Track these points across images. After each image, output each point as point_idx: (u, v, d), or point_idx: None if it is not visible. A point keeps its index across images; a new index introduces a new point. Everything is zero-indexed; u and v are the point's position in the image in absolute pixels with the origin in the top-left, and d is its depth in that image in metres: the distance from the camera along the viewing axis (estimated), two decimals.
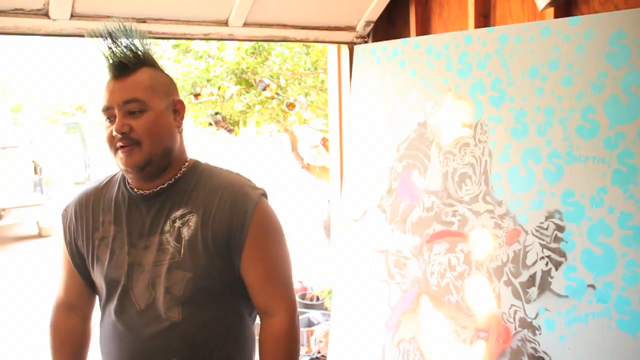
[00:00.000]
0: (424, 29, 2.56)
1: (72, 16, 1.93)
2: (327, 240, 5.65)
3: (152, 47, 1.42)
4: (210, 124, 5.07)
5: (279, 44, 4.61)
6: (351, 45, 2.65)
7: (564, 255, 1.77)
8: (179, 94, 1.49)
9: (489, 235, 1.96)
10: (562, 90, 1.80)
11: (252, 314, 1.48)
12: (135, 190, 1.42)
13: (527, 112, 1.88)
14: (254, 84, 4.75)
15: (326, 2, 2.45)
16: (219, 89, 4.77)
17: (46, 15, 1.89)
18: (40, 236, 8.94)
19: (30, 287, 6.28)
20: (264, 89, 4.66)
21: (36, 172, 9.47)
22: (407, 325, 2.19)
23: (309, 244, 7.16)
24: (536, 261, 1.83)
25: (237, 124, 5.15)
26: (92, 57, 1.36)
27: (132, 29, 1.36)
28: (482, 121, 2.01)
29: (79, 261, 1.48)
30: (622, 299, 1.63)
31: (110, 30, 1.34)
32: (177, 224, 1.37)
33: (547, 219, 1.81)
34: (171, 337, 1.35)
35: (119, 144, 1.34)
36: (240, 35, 2.36)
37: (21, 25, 1.87)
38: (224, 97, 4.80)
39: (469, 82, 2.05)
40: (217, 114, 5.00)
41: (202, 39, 2.85)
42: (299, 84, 4.92)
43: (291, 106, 4.85)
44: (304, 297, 4.96)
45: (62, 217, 1.51)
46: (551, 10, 2.02)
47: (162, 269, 1.36)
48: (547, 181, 1.82)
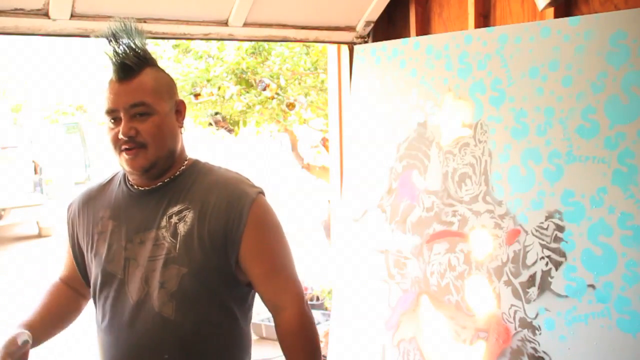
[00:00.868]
0: (424, 29, 2.55)
1: (72, 16, 1.93)
2: (327, 240, 5.65)
3: (151, 47, 1.42)
4: (210, 124, 5.07)
5: (279, 44, 4.61)
6: (351, 45, 2.65)
7: (564, 255, 1.77)
8: (179, 94, 1.49)
9: (489, 235, 1.96)
10: (562, 90, 1.80)
11: (246, 315, 1.47)
12: (134, 186, 1.44)
13: (527, 112, 1.88)
14: (254, 84, 4.75)
15: (326, 2, 2.45)
16: (219, 89, 4.77)
17: (46, 15, 1.89)
18: (40, 236, 8.94)
19: (30, 287, 6.28)
20: (264, 89, 4.66)
21: (36, 172, 9.46)
22: (407, 325, 2.19)
23: (309, 244, 7.15)
24: (536, 261, 1.83)
25: (237, 124, 5.15)
26: (92, 57, 1.37)
27: (134, 28, 1.36)
28: (482, 121, 2.01)
29: (79, 256, 1.51)
30: (622, 299, 1.63)
31: (113, 30, 1.34)
32: (174, 219, 1.38)
33: (547, 219, 1.81)
34: (164, 334, 1.35)
35: (124, 147, 1.35)
36: (240, 35, 2.36)
37: (21, 25, 1.87)
38: (224, 97, 4.80)
39: (469, 82, 2.05)
40: (217, 114, 5.00)
41: (202, 39, 2.85)
42: (299, 84, 4.92)
43: (291, 106, 4.85)
44: None
45: (67, 211, 1.55)
46: (551, 10, 2.02)
47: (158, 263, 1.36)
48: (547, 181, 1.82)
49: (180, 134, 1.44)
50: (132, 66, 1.34)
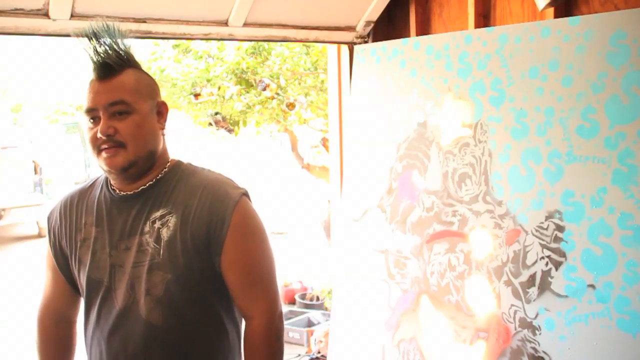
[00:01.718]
0: (424, 29, 2.56)
1: (72, 16, 1.93)
2: (327, 240, 5.65)
3: (134, 48, 1.40)
4: (210, 124, 5.07)
5: (279, 44, 4.62)
6: (351, 45, 2.65)
7: (564, 255, 1.77)
8: (179, 94, 1.48)
9: (489, 235, 1.96)
10: (562, 90, 1.80)
11: (234, 319, 1.45)
12: (116, 191, 1.42)
13: (527, 112, 1.88)
14: (254, 84, 4.76)
15: (326, 2, 2.45)
16: (219, 89, 4.78)
17: (46, 15, 1.89)
18: (40, 236, 8.94)
19: (30, 287, 6.28)
20: (264, 89, 4.66)
21: (36, 172, 9.47)
22: (407, 325, 2.19)
23: (309, 244, 7.16)
24: (536, 261, 1.83)
25: (237, 124, 5.15)
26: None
27: (116, 28, 1.34)
28: (482, 121, 2.01)
29: (63, 263, 1.49)
30: (622, 299, 1.63)
31: (94, 30, 1.32)
32: (157, 224, 1.36)
33: (547, 219, 1.81)
34: (150, 341, 1.33)
35: (103, 146, 1.33)
36: (240, 35, 2.36)
37: (21, 25, 1.87)
38: (224, 97, 4.80)
39: (469, 82, 2.05)
40: (217, 114, 5.00)
41: (202, 39, 2.85)
42: (299, 84, 4.93)
43: (291, 106, 4.85)
44: (304, 297, 4.96)
45: (48, 220, 1.52)
46: (551, 10, 2.02)
47: (142, 270, 1.34)
48: (547, 181, 1.82)
49: (161, 135, 1.41)
50: (113, 65, 1.33)
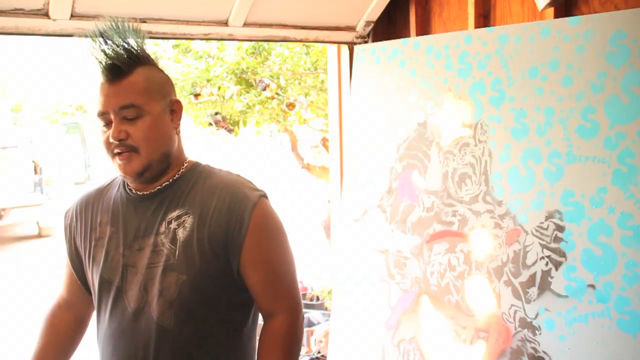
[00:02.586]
0: (424, 29, 2.56)
1: (72, 16, 1.93)
2: (327, 240, 5.65)
3: (148, 45, 1.38)
4: (210, 124, 5.07)
5: (279, 44, 4.61)
6: (351, 45, 2.65)
7: (564, 255, 1.77)
8: (179, 94, 1.46)
9: (489, 235, 1.96)
10: (562, 90, 1.80)
11: (250, 324, 1.43)
12: (133, 191, 1.40)
13: (527, 112, 1.88)
14: (254, 84, 4.75)
15: (326, 2, 2.45)
16: (219, 89, 4.77)
17: (46, 15, 1.89)
18: (40, 236, 8.95)
19: (30, 287, 6.28)
20: (264, 89, 4.66)
21: (36, 172, 9.46)
22: (407, 325, 2.19)
23: (309, 244, 7.15)
24: (536, 261, 1.83)
25: (237, 124, 5.15)
26: (91, 57, 1.34)
27: (126, 27, 1.32)
28: (482, 121, 2.01)
29: (77, 262, 1.48)
30: (622, 299, 1.63)
31: (101, 29, 1.30)
32: (173, 225, 1.34)
33: (547, 219, 1.81)
34: (161, 344, 1.31)
35: (116, 150, 1.31)
36: (240, 35, 2.36)
37: (21, 25, 1.87)
38: (224, 97, 4.80)
39: (469, 82, 2.05)
40: (217, 114, 5.00)
41: (202, 39, 2.85)
42: (299, 84, 4.92)
43: (291, 106, 4.85)
44: (304, 297, 4.96)
45: (65, 217, 1.51)
46: (551, 10, 2.02)
47: (157, 271, 1.32)
48: (547, 181, 1.82)
49: (176, 135, 1.39)
50: (122, 66, 1.30)
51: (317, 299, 4.85)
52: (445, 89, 2.13)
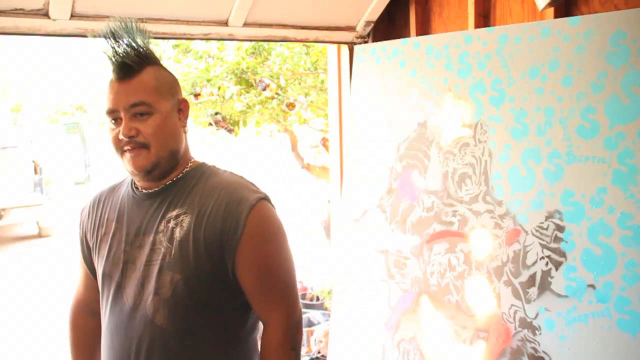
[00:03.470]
0: (424, 29, 2.56)
1: (72, 16, 1.93)
2: (327, 240, 5.65)
3: (153, 45, 1.40)
4: (210, 124, 5.06)
5: (279, 44, 4.61)
6: (351, 45, 2.65)
7: (564, 255, 1.77)
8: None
9: (489, 235, 1.96)
10: (562, 90, 1.80)
11: (244, 328, 1.41)
12: (138, 189, 1.43)
13: (527, 112, 1.88)
14: (254, 84, 4.75)
15: (326, 2, 2.45)
16: (219, 89, 4.77)
17: (46, 15, 1.89)
18: (40, 236, 8.94)
19: (30, 287, 6.28)
20: (264, 89, 4.66)
21: (36, 172, 9.46)
22: (407, 325, 2.19)
23: (309, 244, 7.16)
24: (536, 261, 1.83)
25: (237, 124, 5.14)
26: (93, 57, 1.35)
27: (134, 26, 1.33)
28: (482, 121, 2.01)
29: (88, 258, 1.52)
30: (622, 299, 1.63)
31: (112, 29, 1.31)
32: (171, 224, 1.34)
33: (547, 219, 1.81)
34: (153, 342, 1.32)
35: (126, 147, 1.33)
36: (240, 35, 2.36)
37: (21, 25, 1.87)
38: (224, 97, 4.79)
39: (469, 82, 2.05)
40: (217, 114, 4.99)
41: (202, 39, 2.85)
42: (299, 84, 4.92)
43: (291, 106, 4.85)
44: (304, 297, 4.96)
45: (80, 214, 1.55)
46: (551, 10, 2.02)
47: (153, 269, 1.33)
48: (547, 181, 1.82)
49: (183, 134, 1.40)
50: (132, 65, 1.32)
51: (317, 299, 4.85)
52: (445, 89, 2.13)
